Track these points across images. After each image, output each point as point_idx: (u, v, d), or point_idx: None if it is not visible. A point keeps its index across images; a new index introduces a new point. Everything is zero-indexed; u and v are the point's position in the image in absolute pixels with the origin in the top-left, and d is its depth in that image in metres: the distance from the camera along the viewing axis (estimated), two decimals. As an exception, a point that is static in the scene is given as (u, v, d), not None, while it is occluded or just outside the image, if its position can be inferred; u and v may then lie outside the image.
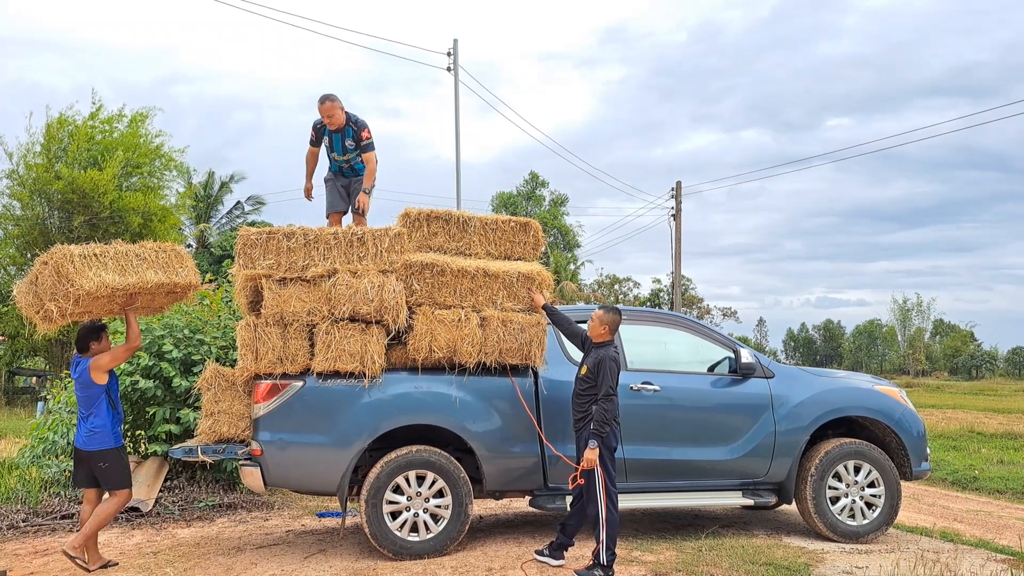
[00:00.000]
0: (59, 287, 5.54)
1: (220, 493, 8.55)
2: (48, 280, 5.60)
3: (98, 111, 23.98)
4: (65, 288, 5.52)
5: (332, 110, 7.25)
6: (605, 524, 5.67)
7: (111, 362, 6.08)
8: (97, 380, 6.00)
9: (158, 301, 6.49)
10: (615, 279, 60.43)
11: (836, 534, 6.79)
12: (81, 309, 5.76)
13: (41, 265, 5.70)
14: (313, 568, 6.01)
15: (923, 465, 7.20)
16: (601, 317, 5.98)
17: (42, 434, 8.80)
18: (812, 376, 7.30)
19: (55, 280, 5.56)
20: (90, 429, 5.98)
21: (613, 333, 6.01)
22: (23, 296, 5.80)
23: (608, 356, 5.81)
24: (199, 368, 7.93)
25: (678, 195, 31.15)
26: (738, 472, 6.84)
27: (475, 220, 6.85)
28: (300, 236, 6.26)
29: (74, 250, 5.72)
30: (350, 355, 6.12)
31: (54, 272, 5.58)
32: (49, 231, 22.93)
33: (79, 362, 6.07)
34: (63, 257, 5.62)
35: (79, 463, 6.09)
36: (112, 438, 6.02)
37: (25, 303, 5.79)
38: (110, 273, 5.73)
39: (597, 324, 5.98)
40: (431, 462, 6.24)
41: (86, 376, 5.98)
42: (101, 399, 6.02)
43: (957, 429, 18.33)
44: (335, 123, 7.29)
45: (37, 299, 5.69)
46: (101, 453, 5.98)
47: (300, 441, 6.15)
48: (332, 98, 7.26)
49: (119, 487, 6.09)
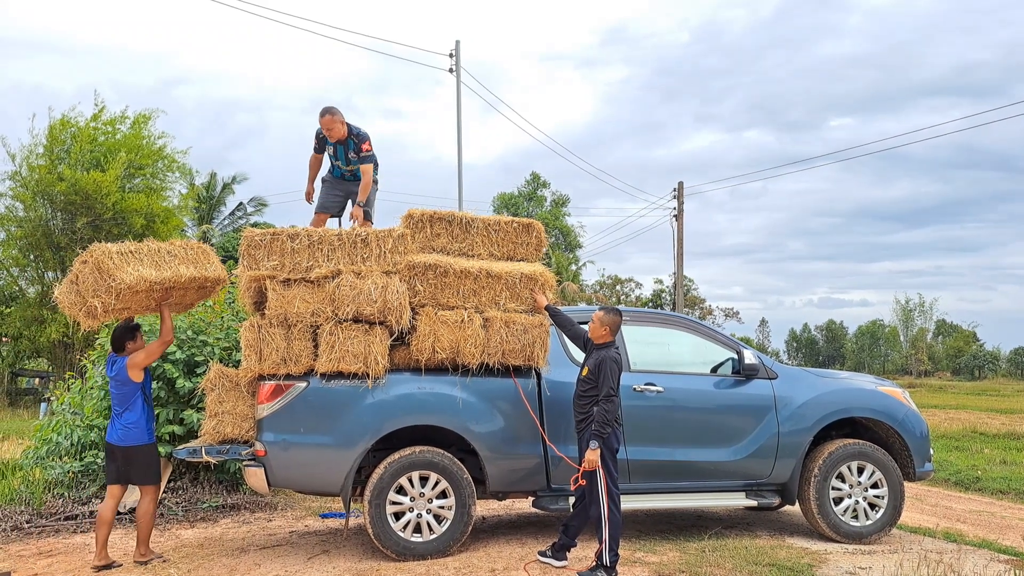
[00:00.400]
0: (101, 283, 5.78)
1: (224, 494, 8.55)
2: (89, 277, 5.84)
3: (100, 112, 24.00)
4: (107, 283, 5.76)
5: (332, 123, 7.25)
6: (608, 525, 5.67)
7: (146, 359, 6.26)
8: (134, 378, 6.20)
9: (189, 297, 6.66)
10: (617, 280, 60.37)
11: (839, 535, 6.79)
12: (121, 304, 5.98)
13: (81, 264, 5.95)
14: (317, 569, 6.02)
15: (926, 466, 7.20)
16: (601, 318, 5.98)
17: (46, 435, 8.80)
18: (815, 377, 7.30)
19: (96, 276, 5.80)
20: (124, 425, 6.16)
21: (614, 334, 6.01)
22: (65, 296, 6.01)
23: (609, 357, 5.81)
24: (202, 369, 7.95)
25: (680, 195, 31.14)
26: (741, 473, 6.84)
27: (478, 221, 6.86)
28: (304, 237, 6.27)
29: (112, 247, 5.96)
30: (354, 356, 6.13)
31: (95, 269, 5.81)
32: (52, 233, 22.96)
33: (115, 361, 6.26)
34: (103, 254, 5.86)
35: (111, 459, 6.27)
36: (146, 434, 6.24)
37: (68, 303, 6.00)
38: (147, 268, 5.94)
39: (598, 325, 5.98)
40: (434, 463, 6.24)
41: (123, 374, 6.17)
42: (137, 396, 6.22)
43: (960, 430, 18.29)
44: (335, 136, 7.30)
45: (80, 297, 5.92)
46: (135, 449, 6.17)
47: (304, 442, 6.16)
48: (332, 111, 7.25)
49: (149, 483, 6.28)
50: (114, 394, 6.26)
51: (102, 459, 8.36)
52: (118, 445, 6.17)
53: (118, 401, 6.22)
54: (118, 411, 6.21)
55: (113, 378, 6.24)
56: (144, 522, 6.25)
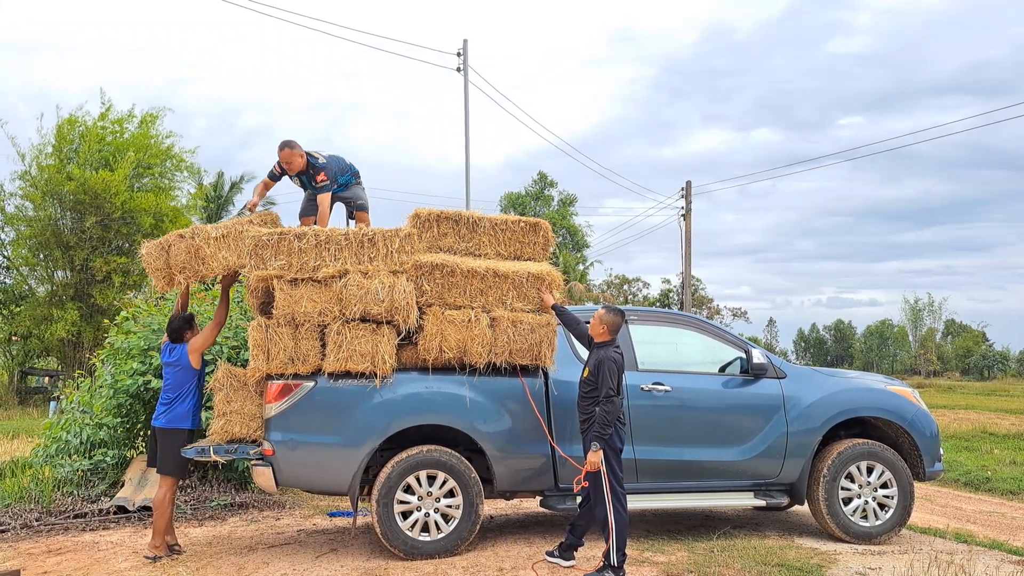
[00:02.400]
0: (191, 265, 6.25)
1: (232, 492, 8.58)
2: (183, 255, 6.26)
3: (107, 112, 24.11)
4: (196, 268, 6.26)
5: (291, 157, 7.21)
6: (614, 525, 5.65)
7: (204, 343, 6.58)
8: (195, 364, 6.51)
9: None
10: (624, 279, 60.30)
11: (849, 535, 6.76)
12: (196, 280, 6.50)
13: (178, 238, 6.35)
14: (325, 567, 6.02)
15: (936, 466, 7.16)
16: (602, 317, 5.96)
17: (55, 433, 8.84)
18: (824, 376, 7.27)
19: (189, 257, 6.25)
20: (175, 410, 6.41)
21: (613, 334, 5.96)
22: (152, 257, 6.46)
23: (608, 357, 5.77)
24: (211, 368, 7.96)
25: (688, 195, 31.08)
26: (750, 473, 6.82)
27: (485, 221, 6.85)
28: (311, 237, 6.27)
29: (211, 231, 6.32)
30: (361, 355, 6.13)
31: (190, 250, 6.27)
32: (61, 232, 23.07)
33: (173, 348, 6.52)
34: (203, 240, 6.28)
35: (153, 442, 6.51)
36: (192, 420, 6.51)
37: (152, 263, 6.46)
38: (233, 255, 6.32)
39: (597, 323, 5.97)
40: (442, 462, 6.24)
41: (185, 360, 6.46)
42: (193, 382, 6.50)
43: (969, 430, 18.21)
44: (294, 168, 7.26)
45: (165, 265, 6.36)
46: (175, 433, 6.38)
47: (311, 441, 6.17)
48: (291, 145, 7.21)
49: (169, 473, 6.41)
50: (170, 381, 6.47)
51: (111, 457, 8.41)
52: (165, 428, 6.38)
53: (174, 387, 6.45)
54: (170, 397, 6.44)
55: (172, 364, 6.47)
56: (159, 512, 6.32)
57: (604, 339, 5.95)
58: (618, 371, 5.77)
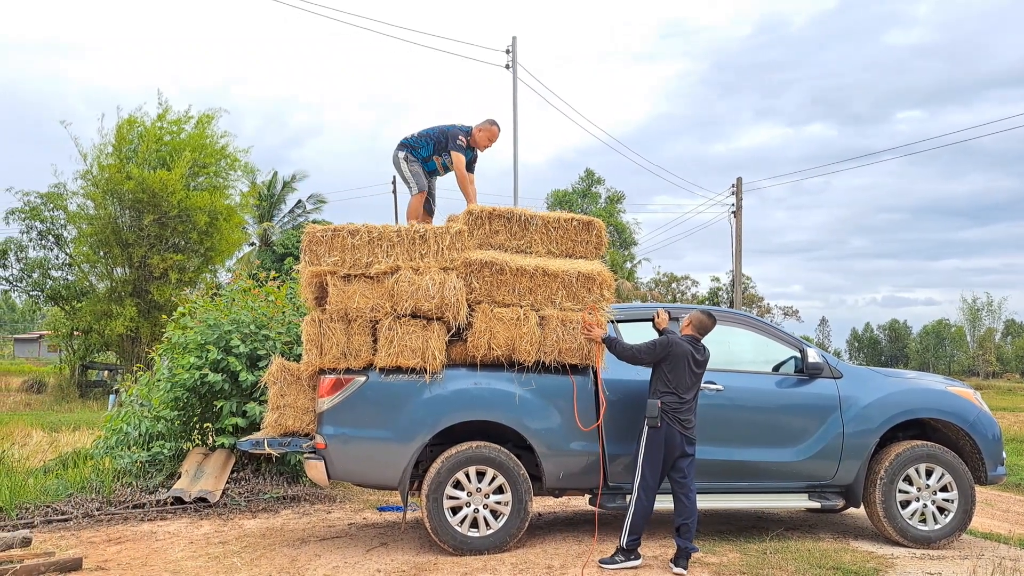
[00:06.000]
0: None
1: (284, 485, 8.72)
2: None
3: (165, 112, 24.70)
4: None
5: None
6: (632, 510, 5.85)
7: None
8: None
9: None
10: (673, 277, 59.75)
11: (906, 539, 6.59)
12: None
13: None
14: (375, 561, 6.08)
15: (999, 469, 6.94)
16: (691, 316, 6.26)
17: (115, 426, 9.08)
18: (882, 377, 7.09)
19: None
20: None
21: (698, 332, 6.16)
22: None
23: (670, 336, 6.06)
24: (264, 363, 8.11)
25: (739, 191, 30.65)
26: (804, 474, 6.69)
27: (537, 218, 6.82)
28: (364, 233, 6.33)
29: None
30: (412, 351, 6.17)
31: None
32: (120, 230, 23.70)
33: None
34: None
35: None
36: None
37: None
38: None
39: (687, 322, 6.23)
40: (491, 458, 6.25)
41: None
42: None
43: (1032, 433, 17.62)
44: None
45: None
46: None
47: (363, 435, 6.23)
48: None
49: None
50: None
51: (168, 449, 8.61)
52: None
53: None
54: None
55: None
56: None
57: (687, 333, 6.14)
58: (665, 352, 5.93)
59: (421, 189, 7.52)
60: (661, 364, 5.94)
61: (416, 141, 7.61)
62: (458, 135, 7.48)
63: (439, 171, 7.72)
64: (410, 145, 7.60)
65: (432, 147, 7.59)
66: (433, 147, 7.59)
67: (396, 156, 7.65)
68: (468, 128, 7.56)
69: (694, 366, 5.93)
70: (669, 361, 5.89)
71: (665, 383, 5.87)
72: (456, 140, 7.46)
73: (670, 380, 5.84)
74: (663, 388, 5.87)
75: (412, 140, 7.63)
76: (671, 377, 5.85)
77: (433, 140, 7.58)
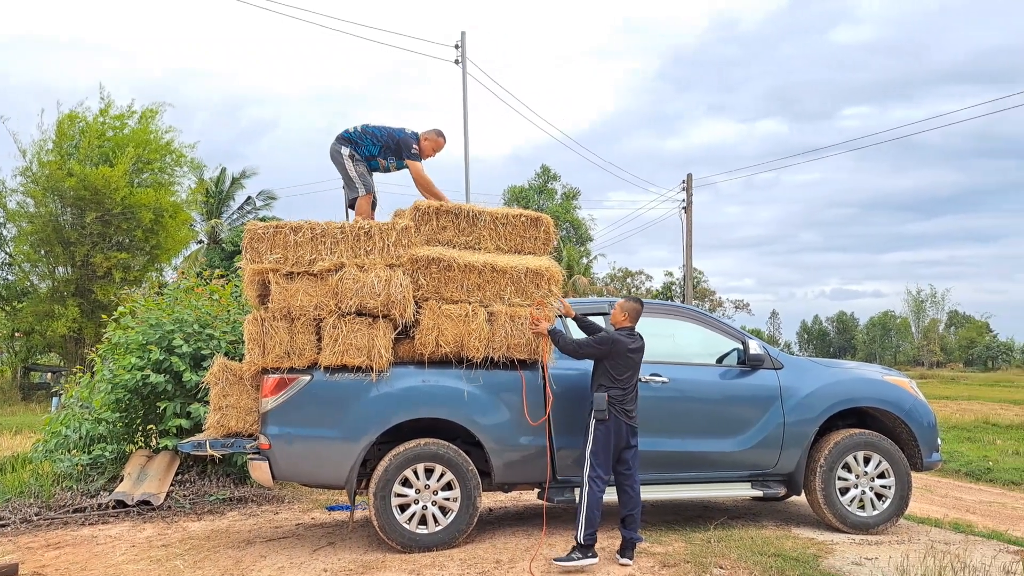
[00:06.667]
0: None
1: (231, 487, 8.60)
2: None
3: (108, 107, 24.11)
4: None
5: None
6: (585, 504, 5.79)
7: None
8: None
9: None
10: (628, 272, 60.33)
11: (846, 525, 6.76)
12: None
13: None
14: (322, 561, 6.03)
15: (934, 456, 7.14)
16: (622, 305, 6.23)
17: (55, 429, 8.87)
18: (821, 367, 7.25)
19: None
20: None
21: (632, 320, 6.18)
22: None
23: (606, 331, 6.11)
24: (209, 363, 7.98)
25: (689, 187, 31.01)
26: (747, 463, 6.82)
27: (485, 214, 6.81)
28: (307, 230, 6.25)
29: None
30: (357, 349, 6.12)
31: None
32: (62, 228, 23.09)
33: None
34: None
35: None
36: None
37: None
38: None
39: (618, 311, 6.22)
40: (439, 455, 6.24)
41: None
42: None
43: (972, 420, 18.20)
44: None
45: None
46: None
47: (308, 435, 6.17)
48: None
49: None
50: None
51: (110, 452, 8.43)
52: None
53: None
54: None
55: None
56: None
57: (623, 325, 6.11)
58: (608, 348, 5.94)
59: (368, 191, 7.36)
60: (604, 360, 5.98)
61: (360, 138, 7.34)
62: (411, 144, 7.34)
63: (380, 171, 7.59)
64: (353, 141, 7.33)
65: (379, 149, 7.38)
66: (380, 149, 7.38)
67: (339, 152, 7.34)
68: (416, 135, 7.46)
69: (634, 356, 5.99)
70: (612, 355, 5.94)
71: (610, 377, 5.92)
72: (411, 149, 7.32)
73: (614, 373, 5.90)
74: (608, 382, 5.92)
75: (355, 136, 7.35)
76: (615, 372, 5.90)
77: (380, 142, 7.36)
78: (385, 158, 7.42)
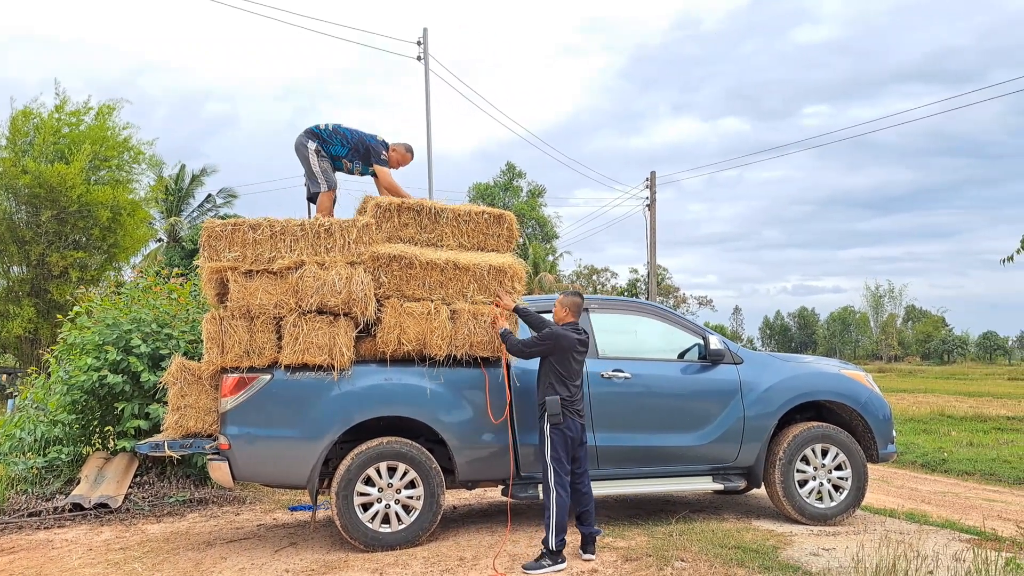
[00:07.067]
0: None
1: (191, 488, 8.48)
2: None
3: (63, 104, 23.58)
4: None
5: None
6: (554, 508, 5.70)
7: None
8: None
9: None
10: (593, 270, 60.56)
11: (804, 517, 6.87)
12: None
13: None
14: (283, 561, 5.98)
15: (889, 447, 7.30)
16: (561, 301, 6.16)
17: (9, 431, 8.67)
18: (780, 362, 7.36)
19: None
20: None
21: (575, 315, 6.11)
22: None
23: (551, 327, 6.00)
24: (167, 363, 7.84)
25: (652, 185, 31.26)
26: (708, 457, 6.90)
27: (447, 211, 6.78)
28: (266, 228, 6.19)
29: None
30: (318, 347, 6.08)
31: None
32: (16, 226, 22.54)
33: None
34: None
35: None
36: None
37: None
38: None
39: (559, 308, 6.15)
40: (402, 453, 6.22)
41: None
42: None
43: (928, 413, 18.58)
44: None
45: None
46: None
47: (269, 435, 6.11)
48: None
49: None
50: None
51: (66, 454, 8.27)
52: None
53: None
54: None
55: None
56: None
57: (567, 320, 6.06)
58: (552, 343, 5.88)
59: (331, 187, 7.30)
60: (550, 357, 5.91)
61: (330, 136, 7.27)
62: (381, 151, 7.31)
63: (344, 172, 7.53)
64: (321, 137, 7.27)
65: (347, 151, 7.31)
66: (348, 151, 7.31)
67: (304, 146, 7.25)
68: (386, 143, 7.43)
69: (579, 353, 5.97)
70: (557, 353, 5.89)
71: (557, 376, 5.85)
72: (380, 156, 7.28)
73: (561, 372, 5.84)
74: (556, 381, 5.85)
75: (325, 133, 7.28)
76: (562, 369, 5.85)
77: (350, 145, 7.29)
78: (351, 161, 7.37)
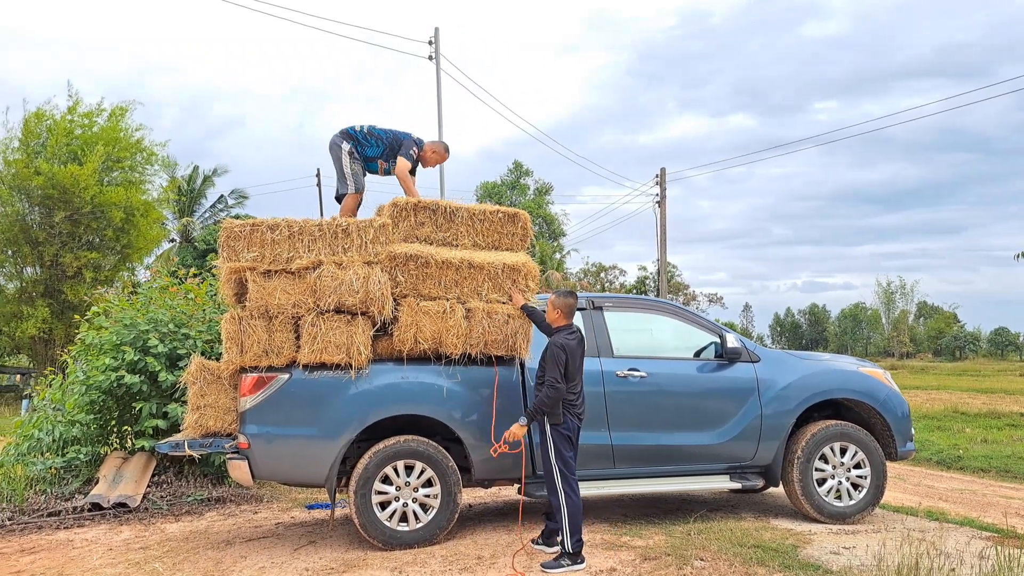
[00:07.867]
0: None
1: (209, 487, 8.52)
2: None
3: (76, 105, 23.72)
4: None
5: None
6: (566, 511, 5.69)
7: None
8: None
9: None
10: (601, 267, 60.47)
11: (823, 515, 6.85)
12: None
13: None
14: (303, 560, 6.00)
15: (908, 445, 7.26)
16: (553, 301, 6.06)
17: (27, 431, 8.73)
18: (797, 360, 7.33)
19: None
20: None
21: (568, 317, 6.03)
22: None
23: (554, 343, 5.83)
24: (185, 362, 7.89)
25: (662, 181, 31.17)
26: (726, 456, 6.88)
27: (462, 210, 6.80)
28: (284, 228, 6.21)
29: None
30: (336, 347, 6.10)
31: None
32: (30, 228, 22.69)
33: None
34: None
35: None
36: None
37: None
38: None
39: (551, 309, 6.06)
40: (419, 452, 6.23)
41: None
42: None
43: (941, 410, 18.49)
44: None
45: None
46: None
47: (287, 434, 6.13)
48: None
49: None
50: None
51: (85, 454, 8.32)
52: None
53: None
54: None
55: None
56: None
57: (560, 323, 6.01)
58: (566, 357, 5.77)
59: (358, 190, 7.29)
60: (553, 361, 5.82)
61: (365, 138, 7.29)
62: (412, 146, 7.32)
63: (379, 173, 7.53)
64: (356, 139, 7.28)
65: (382, 151, 7.33)
66: (383, 152, 7.33)
67: (338, 146, 7.26)
68: (421, 141, 7.44)
69: (580, 355, 5.94)
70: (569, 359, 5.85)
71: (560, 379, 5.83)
72: (409, 150, 7.30)
73: (566, 376, 5.81)
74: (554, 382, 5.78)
75: (360, 135, 7.29)
76: (567, 373, 5.81)
77: (385, 145, 7.31)
78: (387, 161, 7.39)
